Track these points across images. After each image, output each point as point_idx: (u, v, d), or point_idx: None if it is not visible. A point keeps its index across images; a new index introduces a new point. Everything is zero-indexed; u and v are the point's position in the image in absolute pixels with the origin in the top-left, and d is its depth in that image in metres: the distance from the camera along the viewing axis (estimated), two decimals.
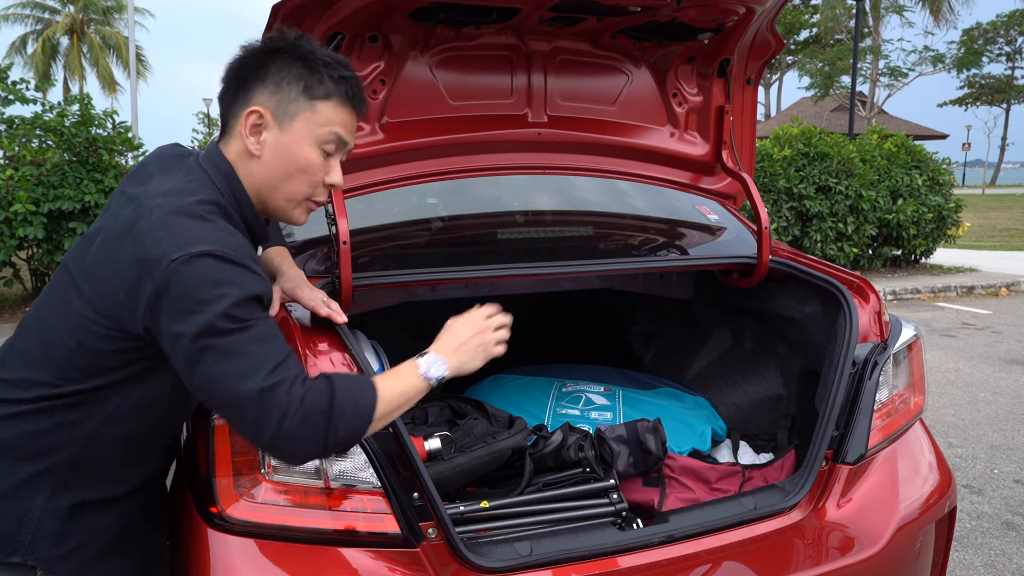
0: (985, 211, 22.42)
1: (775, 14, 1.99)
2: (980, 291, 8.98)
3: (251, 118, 1.27)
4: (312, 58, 1.27)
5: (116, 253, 1.19)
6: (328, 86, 1.28)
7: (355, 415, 1.20)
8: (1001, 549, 2.90)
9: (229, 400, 1.14)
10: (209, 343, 1.11)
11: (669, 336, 2.90)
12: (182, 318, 1.11)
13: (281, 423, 1.13)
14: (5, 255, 6.37)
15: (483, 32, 1.92)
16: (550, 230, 2.37)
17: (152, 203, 1.19)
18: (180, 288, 1.11)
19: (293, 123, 1.27)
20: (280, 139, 1.28)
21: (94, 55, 36.75)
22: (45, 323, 1.27)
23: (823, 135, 9.13)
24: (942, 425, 4.30)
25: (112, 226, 1.23)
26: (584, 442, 1.88)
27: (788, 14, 33.28)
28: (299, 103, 1.27)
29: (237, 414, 1.15)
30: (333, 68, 1.28)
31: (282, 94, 1.27)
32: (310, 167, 1.30)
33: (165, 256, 1.12)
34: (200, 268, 1.12)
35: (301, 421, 1.14)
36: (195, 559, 1.39)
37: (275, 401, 1.13)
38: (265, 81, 1.27)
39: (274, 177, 1.30)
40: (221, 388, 1.13)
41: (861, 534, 1.66)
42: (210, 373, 1.13)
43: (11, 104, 6.92)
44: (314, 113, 1.28)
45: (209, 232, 1.16)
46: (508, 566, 1.42)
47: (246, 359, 1.12)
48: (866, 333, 1.87)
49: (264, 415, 1.13)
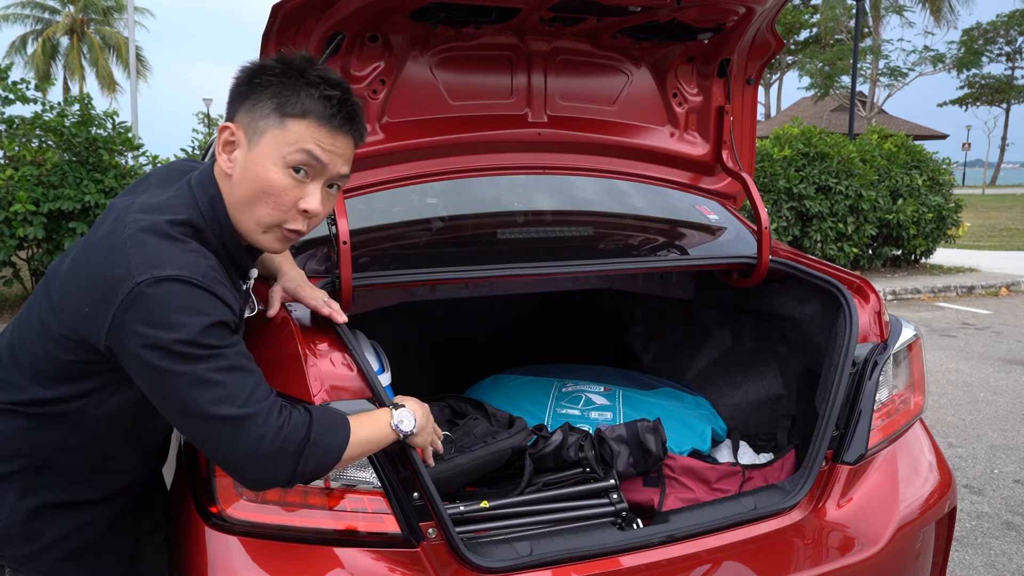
0: (985, 211, 22.42)
1: (775, 14, 1.99)
2: (980, 291, 8.98)
3: (224, 134, 1.23)
4: (296, 75, 1.20)
5: (85, 267, 1.18)
6: (305, 104, 1.19)
7: (326, 452, 1.21)
8: (1001, 549, 2.90)
9: (200, 428, 1.13)
10: (178, 370, 1.09)
11: (669, 336, 2.90)
12: (147, 343, 1.09)
13: (256, 450, 1.13)
14: (5, 255, 6.37)
15: (483, 32, 1.92)
16: (550, 230, 2.37)
17: (127, 218, 1.17)
18: (145, 312, 1.09)
19: (261, 140, 1.20)
20: (248, 157, 1.21)
21: (94, 55, 36.75)
22: (22, 329, 1.28)
23: (823, 135, 9.13)
24: (942, 425, 4.30)
25: (88, 239, 1.23)
26: (584, 442, 1.88)
27: (788, 14, 33.28)
28: (269, 119, 1.19)
29: (208, 441, 1.14)
30: (318, 87, 1.20)
31: (256, 111, 1.20)
32: (274, 189, 1.20)
33: (130, 277, 1.10)
34: (166, 292, 1.09)
35: (277, 450, 1.14)
36: (195, 559, 1.39)
37: (252, 429, 1.12)
38: (242, 100, 1.22)
39: (242, 198, 1.22)
40: (192, 416, 1.12)
41: (861, 534, 1.66)
42: (180, 400, 1.11)
43: (11, 104, 6.92)
44: (283, 131, 1.19)
45: (178, 255, 1.13)
46: (508, 566, 1.42)
47: (218, 388, 1.11)
48: (866, 333, 1.87)
49: (237, 442, 1.12)
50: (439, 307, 2.61)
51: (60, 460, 1.28)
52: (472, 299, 2.53)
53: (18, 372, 1.25)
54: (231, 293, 1.20)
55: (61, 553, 1.31)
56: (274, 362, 1.41)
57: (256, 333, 1.52)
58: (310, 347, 1.46)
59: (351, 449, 1.25)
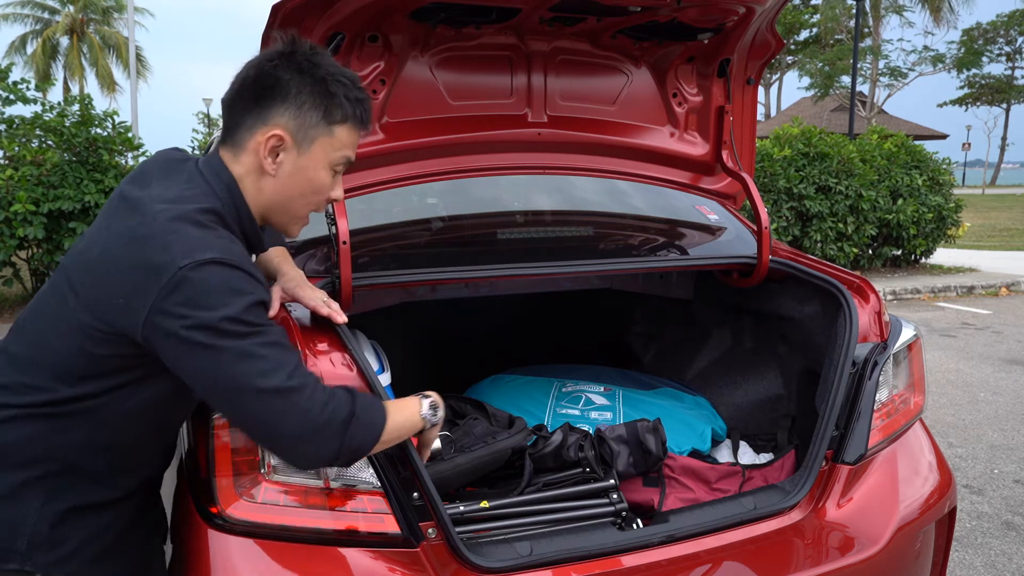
0: (985, 211, 22.42)
1: (775, 14, 1.99)
2: (980, 291, 8.98)
3: (271, 141, 1.27)
4: (331, 79, 1.28)
5: (117, 258, 1.18)
6: (346, 110, 1.29)
7: (369, 429, 1.26)
8: (1001, 549, 2.90)
9: (248, 403, 1.16)
10: (225, 345, 1.13)
11: (669, 336, 2.90)
12: (194, 324, 1.12)
13: (304, 423, 1.17)
14: (5, 255, 6.37)
15: (483, 32, 1.92)
16: (550, 230, 2.37)
17: (154, 208, 1.19)
18: (190, 294, 1.12)
19: (312, 147, 1.29)
20: (298, 162, 1.30)
21: (94, 55, 36.75)
22: (40, 327, 1.26)
23: (823, 135, 9.13)
24: (942, 425, 4.30)
25: (113, 231, 1.23)
26: (584, 442, 1.88)
27: (788, 14, 33.28)
28: (319, 128, 1.28)
29: (255, 416, 1.17)
30: (348, 89, 1.29)
31: (303, 118, 1.27)
32: (323, 188, 1.33)
33: (173, 263, 1.12)
34: (209, 274, 1.13)
35: (324, 424, 1.19)
36: (195, 559, 1.39)
37: (299, 402, 1.16)
38: (286, 101, 1.26)
39: (286, 196, 1.32)
40: (241, 390, 1.15)
41: (861, 534, 1.66)
42: (229, 375, 1.14)
43: (12, 104, 6.92)
44: (332, 138, 1.30)
45: (214, 240, 1.18)
46: (508, 566, 1.42)
47: (264, 361, 1.15)
48: (866, 333, 1.87)
49: (286, 415, 1.16)
50: (439, 307, 2.61)
51: (83, 461, 1.27)
52: (472, 299, 2.54)
53: (44, 373, 1.23)
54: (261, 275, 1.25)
55: (86, 557, 1.30)
56: None
57: None
58: (310, 347, 1.46)
59: (387, 432, 1.30)
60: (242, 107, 1.28)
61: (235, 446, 1.40)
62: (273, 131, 1.27)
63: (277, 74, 1.26)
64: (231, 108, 1.30)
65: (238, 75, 1.29)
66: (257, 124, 1.27)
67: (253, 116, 1.28)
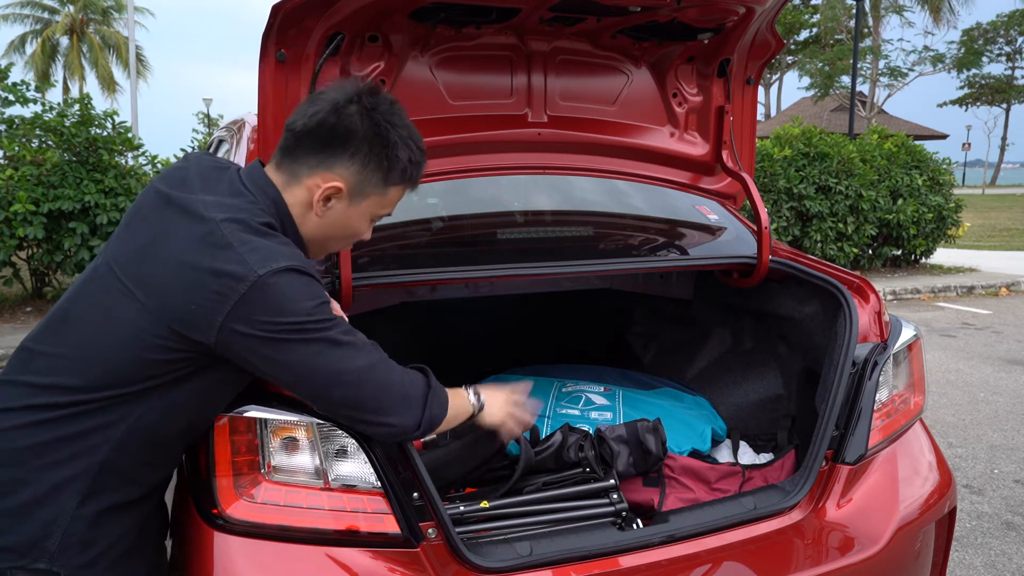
0: (985, 211, 22.42)
1: (775, 14, 1.99)
2: (980, 291, 8.98)
3: (329, 190, 1.31)
4: (400, 144, 1.33)
5: (184, 265, 1.20)
6: (405, 174, 1.35)
7: (441, 404, 1.39)
8: (1001, 549, 2.90)
9: (343, 385, 1.27)
10: (316, 339, 1.22)
11: (669, 336, 2.90)
12: (280, 327, 1.20)
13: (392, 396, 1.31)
14: (5, 255, 6.37)
15: (483, 32, 1.92)
16: (550, 230, 2.38)
17: (218, 217, 1.23)
18: (270, 301, 1.19)
19: (364, 202, 1.36)
20: (347, 211, 1.36)
21: (94, 55, 36.76)
22: (88, 329, 1.25)
23: (823, 135, 9.13)
24: (942, 425, 4.30)
25: (177, 237, 1.23)
26: (584, 442, 1.88)
27: (788, 14, 33.27)
28: (376, 187, 1.34)
29: (351, 395, 1.28)
30: (413, 153, 1.35)
31: (365, 176, 1.32)
32: (359, 235, 1.42)
33: (252, 271, 1.17)
34: (287, 281, 1.20)
35: (409, 396, 1.33)
36: (196, 559, 1.39)
37: (386, 376, 1.30)
38: (353, 157, 1.30)
39: (325, 236, 1.39)
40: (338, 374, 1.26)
41: (861, 534, 1.66)
42: (322, 363, 1.24)
43: (12, 104, 6.92)
44: (384, 196, 1.37)
45: (282, 247, 1.24)
46: (508, 566, 1.42)
47: (350, 347, 1.27)
48: (866, 333, 1.87)
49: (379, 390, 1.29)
50: (439, 307, 2.61)
51: (118, 460, 1.26)
52: (472, 299, 2.54)
53: (87, 374, 1.22)
54: None
55: (111, 558, 1.29)
56: None
57: None
58: None
59: (451, 410, 1.42)
60: (310, 144, 1.31)
61: (235, 447, 1.40)
62: (335, 183, 1.31)
63: (353, 126, 1.29)
64: (299, 140, 1.31)
65: (316, 109, 1.29)
66: (320, 168, 1.31)
67: (318, 158, 1.31)
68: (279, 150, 1.35)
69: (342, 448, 1.42)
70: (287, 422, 1.41)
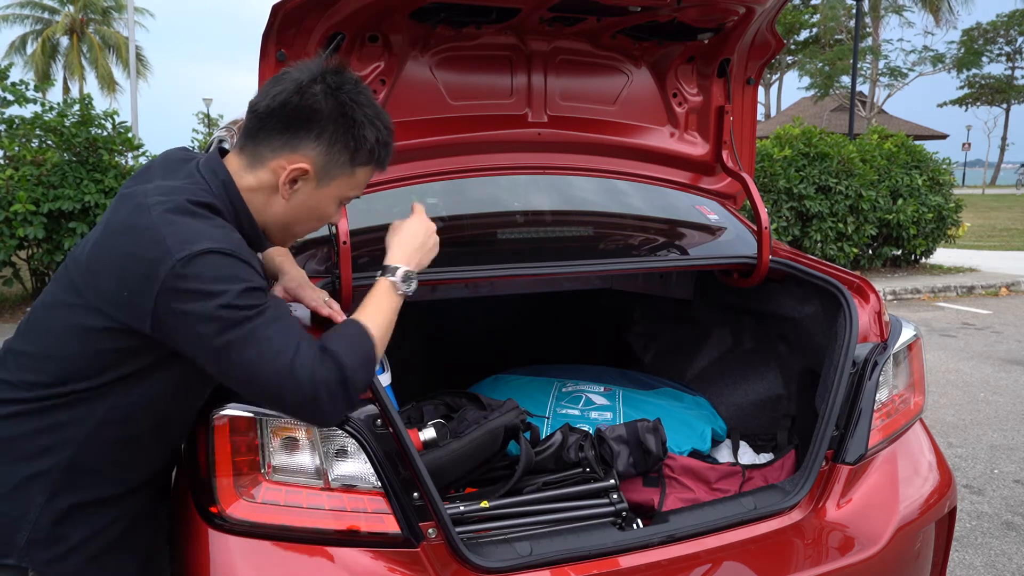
0: (985, 211, 22.42)
1: (775, 14, 1.99)
2: (980, 291, 8.98)
3: (295, 172, 1.28)
4: (367, 123, 1.29)
5: (115, 251, 1.19)
6: (373, 154, 1.32)
7: (364, 367, 1.27)
8: (1001, 549, 2.90)
9: (267, 381, 1.18)
10: (231, 334, 1.15)
11: (669, 336, 2.90)
12: (197, 316, 1.14)
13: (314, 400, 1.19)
14: (5, 255, 6.37)
15: (483, 32, 1.92)
16: (550, 230, 2.37)
17: (149, 201, 1.20)
18: (188, 286, 1.13)
19: (331, 183, 1.32)
20: (314, 193, 1.32)
21: (94, 55, 36.75)
22: (44, 324, 1.27)
23: (823, 135, 9.13)
24: (942, 425, 4.30)
25: (110, 225, 1.24)
26: (584, 442, 1.88)
27: (788, 14, 33.26)
28: (343, 168, 1.31)
29: (276, 396, 1.20)
30: (380, 132, 1.31)
31: (331, 156, 1.29)
32: (327, 217, 1.38)
33: (170, 254, 1.13)
34: (204, 264, 1.14)
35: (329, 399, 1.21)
36: (195, 559, 1.39)
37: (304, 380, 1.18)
38: (319, 137, 1.27)
39: (292, 219, 1.35)
40: (257, 371, 1.18)
41: (861, 534, 1.66)
42: (242, 360, 1.17)
43: (11, 104, 6.92)
44: (352, 177, 1.33)
45: (209, 229, 1.18)
46: (508, 566, 1.42)
47: (268, 343, 1.17)
48: (866, 333, 1.87)
49: (299, 393, 1.19)
50: (439, 307, 2.61)
51: (87, 456, 1.27)
52: (472, 299, 2.53)
53: (48, 368, 1.24)
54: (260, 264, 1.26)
55: (87, 554, 1.30)
56: None
57: None
58: None
59: (379, 340, 1.32)
60: (274, 126, 1.27)
61: (235, 446, 1.40)
62: (300, 164, 1.28)
63: (317, 105, 1.25)
64: (262, 121, 1.28)
65: (279, 89, 1.26)
66: (284, 149, 1.28)
67: (282, 139, 1.27)
68: (243, 133, 1.32)
69: (342, 448, 1.42)
70: (287, 422, 1.41)
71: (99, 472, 1.30)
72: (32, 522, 1.24)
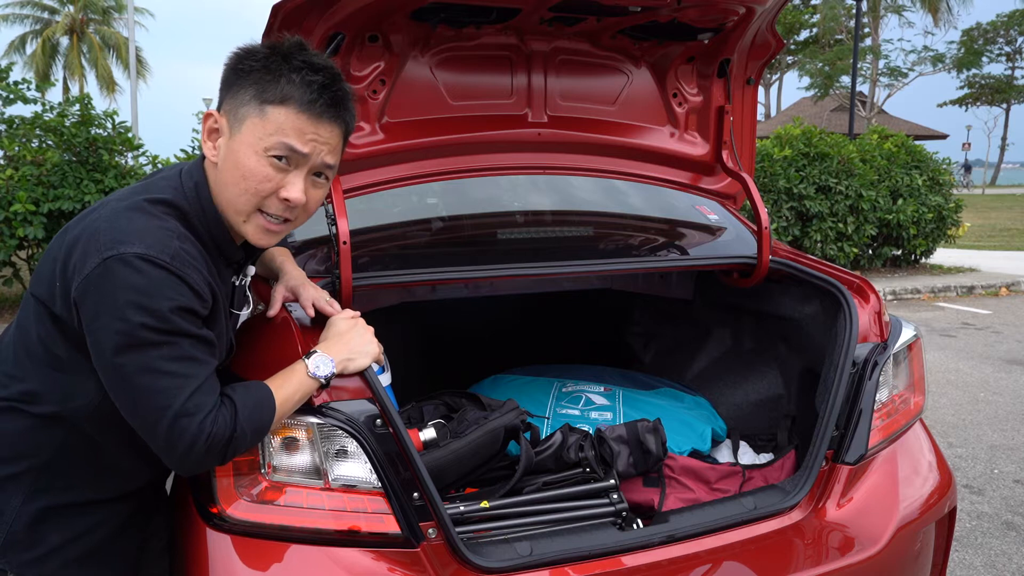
0: (985, 211, 22.41)
1: (775, 14, 1.99)
2: (980, 291, 8.98)
3: (208, 122, 1.22)
4: (280, 60, 1.17)
5: (61, 242, 1.18)
6: (285, 89, 1.16)
7: (254, 435, 1.23)
8: (1001, 549, 2.90)
9: (144, 416, 1.13)
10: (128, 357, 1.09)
11: (669, 336, 2.90)
12: (104, 323, 1.09)
13: (190, 450, 1.14)
14: (5, 255, 6.37)
15: (483, 32, 1.92)
16: (550, 230, 2.37)
17: (110, 197, 1.20)
18: (107, 289, 1.08)
19: (241, 128, 1.18)
20: (229, 144, 1.20)
21: (94, 55, 36.73)
22: (19, 317, 1.28)
23: (823, 135, 9.13)
24: (942, 425, 4.30)
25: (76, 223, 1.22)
26: (584, 442, 1.88)
27: (788, 14, 33.27)
28: (249, 107, 1.17)
29: (149, 431, 1.14)
30: (303, 73, 1.17)
31: (238, 98, 1.18)
32: (253, 176, 1.19)
33: (98, 252, 1.09)
34: (129, 271, 1.08)
35: (206, 451, 1.15)
36: (195, 559, 1.39)
37: (187, 430, 1.12)
38: (231, 86, 1.19)
39: (222, 184, 1.22)
40: (138, 402, 1.12)
41: (861, 534, 1.66)
42: (130, 385, 1.11)
43: (12, 104, 6.92)
44: (263, 119, 1.17)
45: (152, 232, 1.12)
46: (508, 566, 1.42)
47: (165, 378, 1.10)
48: (866, 333, 1.87)
49: (174, 439, 1.13)
50: (439, 307, 2.61)
51: (63, 461, 1.27)
52: (472, 299, 2.53)
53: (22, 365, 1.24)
54: (204, 278, 1.18)
55: (66, 558, 1.29)
56: (274, 362, 1.41)
57: (256, 333, 1.52)
58: (310, 347, 1.46)
59: (279, 415, 1.27)
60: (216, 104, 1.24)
61: None
62: (209, 111, 1.22)
63: (237, 62, 1.19)
64: None
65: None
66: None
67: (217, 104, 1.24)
68: None
69: (342, 448, 1.41)
70: (287, 422, 1.41)
71: (77, 477, 1.29)
72: (8, 524, 1.24)
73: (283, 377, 1.31)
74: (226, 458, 1.21)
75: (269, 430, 1.27)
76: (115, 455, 1.32)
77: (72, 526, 1.30)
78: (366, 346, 1.43)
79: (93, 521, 1.33)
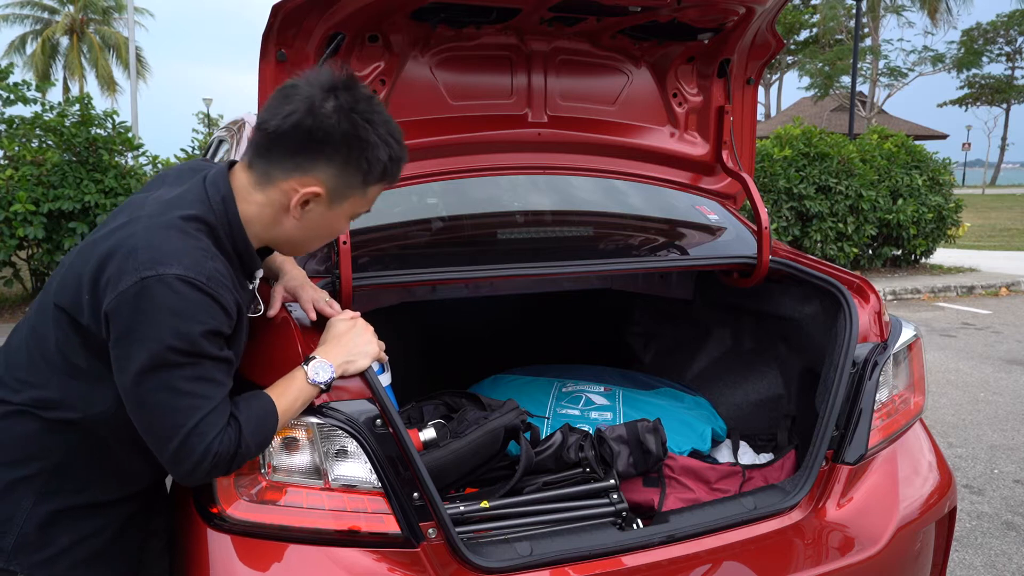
0: (985, 211, 22.42)
1: (775, 14, 1.99)
2: (980, 291, 8.98)
3: (307, 195, 1.25)
4: (381, 144, 1.25)
5: (93, 256, 1.18)
6: (385, 173, 1.29)
7: (258, 448, 1.27)
8: (1001, 549, 2.90)
9: (157, 432, 1.17)
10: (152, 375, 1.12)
11: (669, 336, 2.90)
12: (135, 340, 1.11)
13: (196, 467, 1.18)
14: (5, 255, 6.38)
15: (483, 32, 1.92)
16: (550, 230, 2.37)
17: (141, 212, 1.20)
18: (144, 307, 1.11)
19: (343, 203, 1.30)
20: (327, 214, 1.30)
21: (94, 55, 36.75)
22: (34, 323, 1.28)
23: (823, 135, 9.13)
24: (942, 425, 4.30)
25: (101, 228, 1.23)
26: (584, 442, 1.88)
27: (788, 14, 33.27)
28: (356, 189, 1.29)
29: (159, 444, 1.18)
30: (393, 150, 1.28)
31: (344, 179, 1.26)
32: (339, 233, 1.39)
33: (136, 271, 1.11)
34: (168, 292, 1.11)
35: (211, 468, 1.19)
36: (195, 559, 1.39)
37: (196, 449, 1.16)
38: (331, 161, 1.23)
39: (304, 237, 1.34)
40: (154, 418, 1.16)
41: (861, 534, 1.66)
42: (148, 401, 1.15)
43: (12, 104, 6.92)
44: (364, 196, 1.32)
45: (189, 253, 1.15)
46: (508, 566, 1.42)
47: (184, 398, 1.14)
48: (866, 333, 1.87)
49: (182, 456, 1.16)
50: (439, 307, 2.61)
51: (73, 464, 1.27)
52: (472, 299, 2.53)
53: (36, 370, 1.24)
54: (233, 295, 1.21)
55: (74, 559, 1.30)
56: (274, 362, 1.41)
57: (256, 333, 1.52)
58: (310, 347, 1.46)
59: (281, 424, 1.31)
60: (285, 147, 1.23)
61: None
62: (313, 188, 1.25)
63: (331, 128, 1.20)
64: (272, 141, 1.23)
65: (291, 109, 1.20)
66: (296, 172, 1.24)
67: (294, 162, 1.23)
68: (251, 147, 1.27)
69: (342, 448, 1.41)
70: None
71: (87, 479, 1.30)
72: (20, 525, 1.24)
73: (283, 385, 1.33)
74: (230, 471, 1.25)
75: (271, 440, 1.30)
76: (124, 458, 1.32)
77: (80, 527, 1.30)
78: (365, 346, 1.44)
79: (100, 522, 1.33)
